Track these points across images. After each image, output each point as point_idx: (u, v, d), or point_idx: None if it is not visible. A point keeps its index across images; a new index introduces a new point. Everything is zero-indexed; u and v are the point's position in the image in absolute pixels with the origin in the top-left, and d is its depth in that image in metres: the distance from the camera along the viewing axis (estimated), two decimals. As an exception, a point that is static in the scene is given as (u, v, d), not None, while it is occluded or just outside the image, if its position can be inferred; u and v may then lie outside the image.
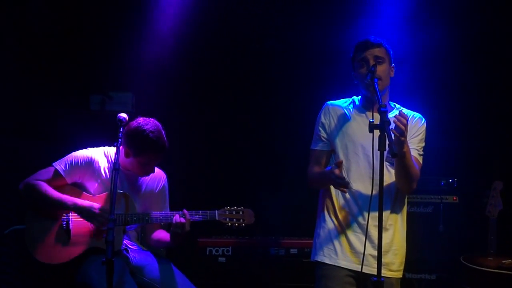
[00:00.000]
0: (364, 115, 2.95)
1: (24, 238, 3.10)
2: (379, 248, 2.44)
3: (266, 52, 4.78)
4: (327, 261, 2.88)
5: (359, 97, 3.04)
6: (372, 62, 2.84)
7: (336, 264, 2.85)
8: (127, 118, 3.07)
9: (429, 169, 4.34)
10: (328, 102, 3.05)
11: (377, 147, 2.47)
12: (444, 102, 4.53)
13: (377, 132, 2.49)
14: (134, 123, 3.16)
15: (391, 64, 2.96)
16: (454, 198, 4.25)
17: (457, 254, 3.96)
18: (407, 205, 4.10)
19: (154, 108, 4.56)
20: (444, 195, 4.24)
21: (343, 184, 2.72)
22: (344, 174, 2.84)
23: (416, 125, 2.96)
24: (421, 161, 2.95)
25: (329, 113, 2.99)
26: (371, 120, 2.54)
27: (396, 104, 3.04)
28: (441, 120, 4.49)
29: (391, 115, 2.81)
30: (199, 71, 4.79)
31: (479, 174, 4.38)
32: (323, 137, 2.99)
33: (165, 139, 3.19)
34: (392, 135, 2.48)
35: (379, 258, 2.45)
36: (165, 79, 4.69)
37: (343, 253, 2.85)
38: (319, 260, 2.91)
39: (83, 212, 3.05)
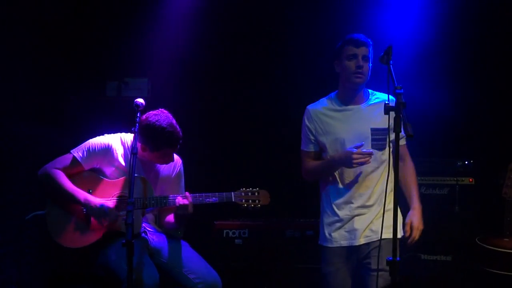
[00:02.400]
0: (342, 110, 3.20)
1: (46, 223, 3.16)
2: (394, 227, 2.51)
3: (281, 38, 4.77)
4: (324, 244, 3.20)
5: (335, 92, 3.27)
6: (360, 59, 3.10)
7: (331, 246, 3.16)
8: (144, 103, 3.10)
9: (445, 151, 4.37)
10: (308, 106, 3.32)
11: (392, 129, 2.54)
12: (458, 83, 4.50)
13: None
14: (145, 119, 3.15)
15: (370, 64, 3.19)
16: (470, 179, 4.23)
17: (472, 236, 3.96)
18: (422, 187, 4.17)
19: (169, 93, 4.64)
20: (460, 177, 4.23)
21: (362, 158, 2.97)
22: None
23: None
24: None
25: (311, 117, 3.26)
26: (386, 102, 2.58)
27: (369, 90, 3.27)
28: (456, 102, 4.48)
29: (371, 102, 3.19)
30: (213, 56, 4.80)
31: (495, 156, 4.35)
32: (312, 139, 3.25)
33: (179, 128, 3.20)
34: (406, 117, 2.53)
35: (394, 240, 2.52)
36: (180, 64, 4.70)
37: (337, 234, 3.15)
38: (320, 243, 3.25)
39: (92, 210, 3.08)
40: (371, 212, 3.11)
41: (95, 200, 3.10)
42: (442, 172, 4.24)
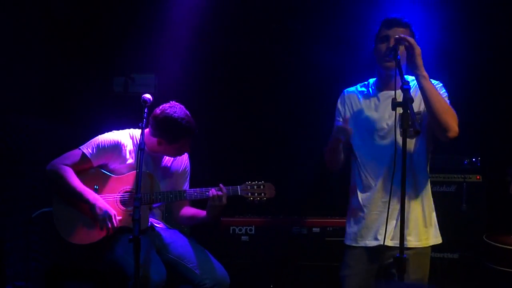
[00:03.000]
0: (374, 96, 3.01)
1: (53, 220, 3.16)
2: (402, 224, 2.48)
3: (287, 34, 4.77)
4: (348, 242, 3.01)
5: (374, 79, 3.08)
6: (392, 41, 2.84)
7: (356, 244, 2.96)
8: (151, 99, 3.11)
9: (453, 148, 4.34)
10: (345, 90, 3.14)
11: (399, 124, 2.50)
12: (465, 80, 4.47)
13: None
14: (161, 113, 3.17)
15: None
16: (478, 177, 4.21)
17: (480, 233, 3.95)
18: (430, 185, 4.15)
19: (176, 89, 4.64)
20: (467, 174, 4.21)
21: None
22: (361, 159, 2.97)
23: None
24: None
25: (345, 101, 3.09)
26: (393, 98, 2.56)
27: (410, 77, 2.98)
28: (464, 99, 4.44)
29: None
30: (220, 52, 4.80)
31: (503, 153, 4.34)
32: (341, 121, 3.04)
33: (193, 119, 3.23)
34: (414, 111, 2.49)
35: (401, 236, 2.49)
36: (187, 60, 4.70)
37: (363, 232, 2.94)
38: (344, 242, 3.05)
39: (96, 214, 3.07)
40: (406, 212, 2.71)
41: (102, 204, 3.08)
42: (450, 169, 4.23)
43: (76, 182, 3.12)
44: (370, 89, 3.05)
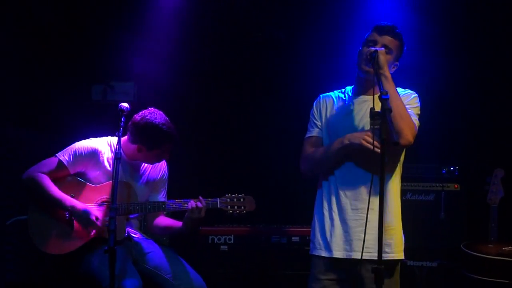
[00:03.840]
0: (351, 103, 2.94)
1: (27, 229, 3.11)
2: (380, 233, 2.41)
3: (268, 42, 4.77)
4: (315, 253, 2.91)
5: (352, 86, 3.03)
6: (379, 47, 2.79)
7: (323, 255, 2.87)
8: (128, 108, 3.09)
9: (431, 157, 4.38)
10: (321, 94, 3.09)
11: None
12: (444, 89, 4.52)
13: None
14: (141, 119, 3.16)
15: (397, 61, 2.92)
16: (456, 186, 4.24)
17: (458, 242, 3.97)
18: (408, 194, 4.18)
19: (155, 98, 4.61)
20: (445, 183, 4.24)
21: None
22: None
23: (407, 97, 2.90)
24: (414, 120, 2.81)
25: (320, 105, 3.03)
26: (371, 108, 2.53)
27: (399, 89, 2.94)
28: (442, 108, 4.49)
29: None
30: (200, 60, 4.79)
31: (481, 162, 4.38)
32: (319, 124, 3.00)
33: (173, 125, 3.22)
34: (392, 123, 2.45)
35: (379, 243, 2.42)
36: (166, 68, 4.69)
37: (331, 243, 2.85)
38: (310, 253, 2.96)
39: (78, 217, 3.04)
40: (377, 222, 2.69)
41: (81, 206, 3.06)
42: (428, 178, 4.26)
43: (53, 189, 3.08)
44: (346, 95, 3.01)
